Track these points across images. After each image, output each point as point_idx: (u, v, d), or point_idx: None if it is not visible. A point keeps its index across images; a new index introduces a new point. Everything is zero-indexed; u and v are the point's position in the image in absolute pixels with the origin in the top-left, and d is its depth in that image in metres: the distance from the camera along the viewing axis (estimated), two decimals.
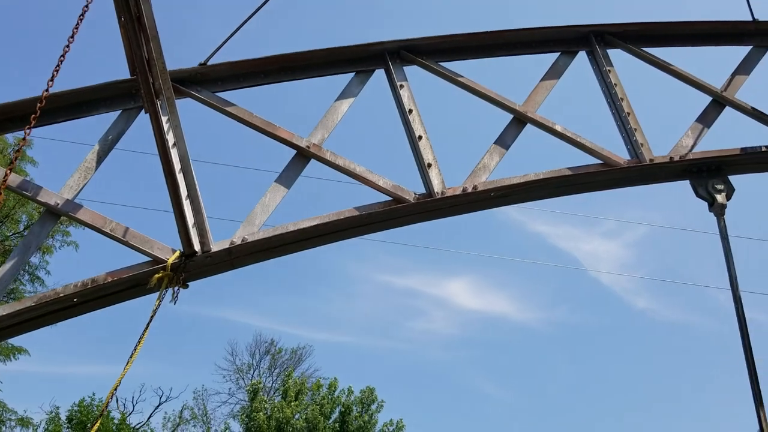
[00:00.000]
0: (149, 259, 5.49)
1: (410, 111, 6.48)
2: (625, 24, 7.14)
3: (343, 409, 29.49)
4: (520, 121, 6.64)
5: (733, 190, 6.43)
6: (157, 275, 5.32)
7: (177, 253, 5.42)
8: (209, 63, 6.33)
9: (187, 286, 5.51)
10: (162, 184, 5.29)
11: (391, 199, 6.05)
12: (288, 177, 5.96)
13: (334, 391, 30.38)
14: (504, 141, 6.56)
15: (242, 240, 5.57)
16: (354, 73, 6.68)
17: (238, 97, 6.40)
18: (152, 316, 5.22)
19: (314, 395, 30.40)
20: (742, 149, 6.61)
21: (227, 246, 5.56)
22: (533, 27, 7.01)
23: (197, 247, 5.42)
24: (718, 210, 6.33)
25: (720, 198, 6.35)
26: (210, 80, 6.36)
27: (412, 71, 6.81)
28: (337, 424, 29.02)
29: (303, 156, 6.07)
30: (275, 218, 5.88)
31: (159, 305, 5.25)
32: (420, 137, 6.34)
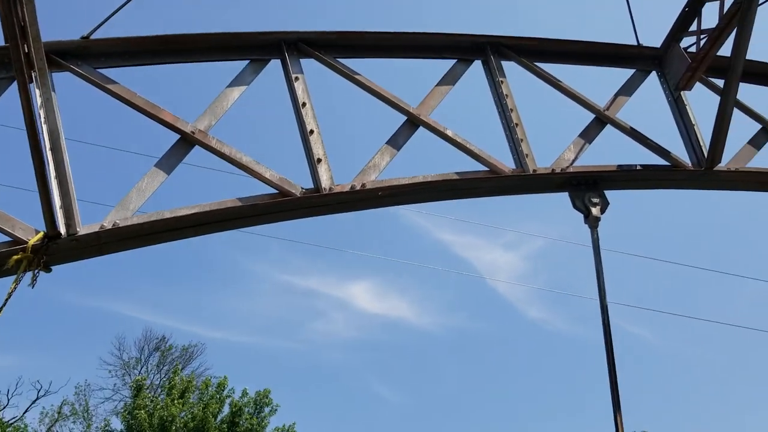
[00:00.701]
0: (9, 239, 5.12)
1: (304, 104, 6.39)
2: (520, 38, 7.35)
3: (234, 410, 28.80)
4: (413, 123, 6.69)
5: (608, 204, 6.74)
6: (15, 256, 4.96)
7: (40, 235, 5.07)
8: (93, 37, 6.00)
9: (49, 270, 5.17)
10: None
11: (277, 192, 5.92)
12: (169, 162, 5.71)
13: (222, 390, 29.65)
14: (396, 142, 6.59)
15: (113, 224, 5.28)
16: (248, 61, 6.51)
17: (127, 76, 6.11)
18: (7, 300, 4.86)
19: (202, 394, 29.56)
20: (619, 166, 6.95)
21: (96, 230, 5.26)
22: (431, 32, 7.09)
23: (62, 229, 5.09)
24: (592, 222, 6.61)
25: (595, 211, 6.64)
26: (93, 55, 6.01)
27: (309, 65, 6.73)
28: (225, 425, 28.30)
29: (187, 142, 5.84)
30: (153, 204, 5.63)
31: (15, 288, 4.90)
32: (311, 131, 6.26)
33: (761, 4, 6.42)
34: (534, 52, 7.41)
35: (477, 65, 7.31)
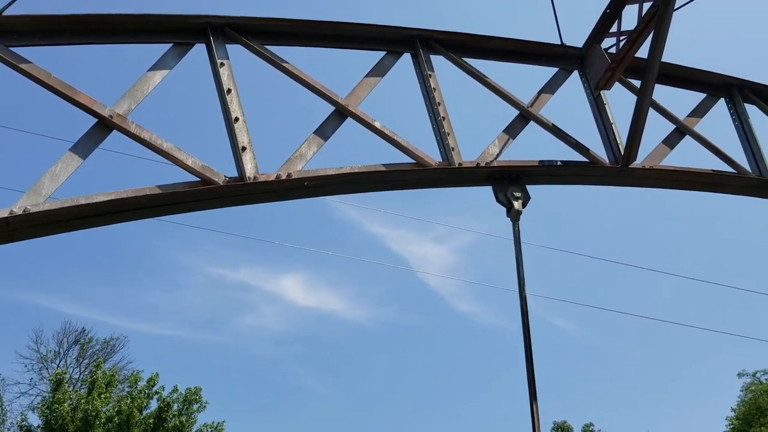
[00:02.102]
0: None
1: (229, 91, 6.27)
2: (449, 32, 7.42)
3: (162, 405, 28.11)
4: (341, 113, 6.67)
5: (529, 198, 6.91)
6: None
7: None
8: (5, 14, 5.71)
9: None
10: None
11: (198, 179, 5.80)
12: (85, 146, 5.50)
13: (153, 386, 28.88)
14: (324, 132, 6.55)
15: (24, 210, 5.06)
16: (171, 44, 6.34)
17: (45, 57, 5.83)
18: None
19: (132, 389, 28.74)
20: (540, 161, 7.14)
21: (5, 215, 5.02)
22: (361, 23, 7.07)
23: None
24: (514, 216, 6.77)
25: (517, 204, 6.80)
26: (5, 33, 5.72)
27: (236, 51, 6.60)
28: (152, 420, 27.60)
29: (104, 126, 5.64)
30: (67, 190, 5.42)
31: None
32: (236, 119, 6.15)
33: (677, 9, 6.69)
34: (462, 47, 7.50)
35: (406, 58, 7.35)
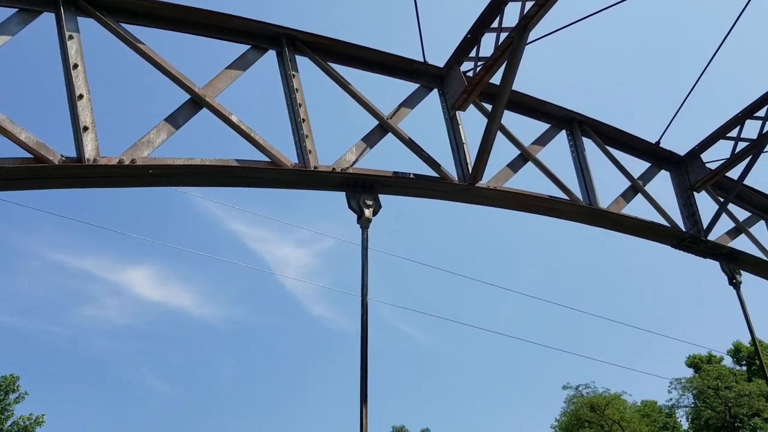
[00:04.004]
0: None
1: (75, 66, 5.89)
2: (316, 35, 7.44)
3: None
4: (196, 103, 6.47)
5: (380, 207, 7.08)
6: None
7: None
8: None
9: None
10: None
11: (31, 156, 5.39)
12: None
13: None
14: (175, 120, 6.33)
15: None
16: (16, 10, 5.86)
17: None
18: None
19: None
20: (394, 173, 7.33)
21: None
22: (228, 14, 6.92)
23: None
24: (364, 223, 6.90)
25: (368, 212, 6.93)
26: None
27: (88, 24, 6.22)
28: None
29: None
30: None
31: None
32: (81, 96, 5.79)
33: (529, 42, 7.14)
34: (328, 51, 7.55)
35: (271, 55, 7.29)
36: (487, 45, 7.66)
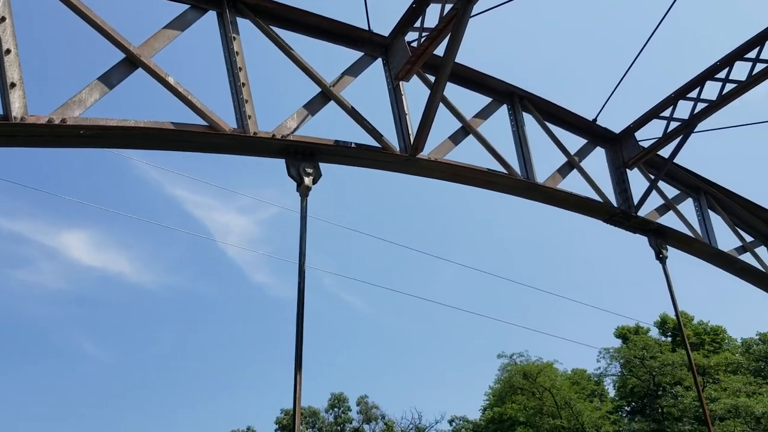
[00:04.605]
0: None
1: (3, 19, 5.60)
2: None
3: None
4: (131, 62, 6.26)
5: (320, 175, 7.04)
6: None
7: None
8: None
9: None
10: None
11: None
12: None
13: None
14: (109, 79, 6.11)
15: None
16: None
17: None
18: None
19: None
20: (336, 141, 7.29)
21: None
22: None
23: None
24: (303, 191, 6.86)
25: (307, 180, 6.90)
26: None
27: None
28: None
29: None
30: None
31: None
32: (8, 51, 5.52)
33: (474, 15, 7.16)
34: (271, 15, 7.39)
35: (211, 16, 7.08)
36: (432, 16, 7.63)
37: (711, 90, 9.21)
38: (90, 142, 5.95)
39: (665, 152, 9.92)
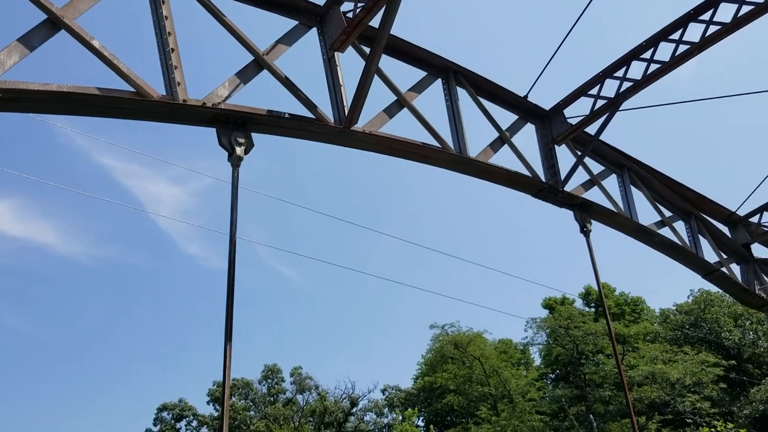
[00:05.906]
0: None
1: None
2: None
3: None
4: (53, 24, 5.99)
5: (252, 146, 6.95)
6: None
7: None
8: None
9: None
10: None
11: None
12: None
13: None
14: (29, 41, 5.83)
15: None
16: None
17: None
18: None
19: None
20: (269, 111, 7.19)
21: None
22: None
23: None
24: (234, 161, 6.76)
25: (239, 150, 6.80)
26: None
27: None
28: None
29: None
30: None
31: None
32: None
33: None
34: None
35: None
36: None
37: (637, 69, 9.54)
38: (8, 106, 5.68)
39: (592, 129, 10.24)
